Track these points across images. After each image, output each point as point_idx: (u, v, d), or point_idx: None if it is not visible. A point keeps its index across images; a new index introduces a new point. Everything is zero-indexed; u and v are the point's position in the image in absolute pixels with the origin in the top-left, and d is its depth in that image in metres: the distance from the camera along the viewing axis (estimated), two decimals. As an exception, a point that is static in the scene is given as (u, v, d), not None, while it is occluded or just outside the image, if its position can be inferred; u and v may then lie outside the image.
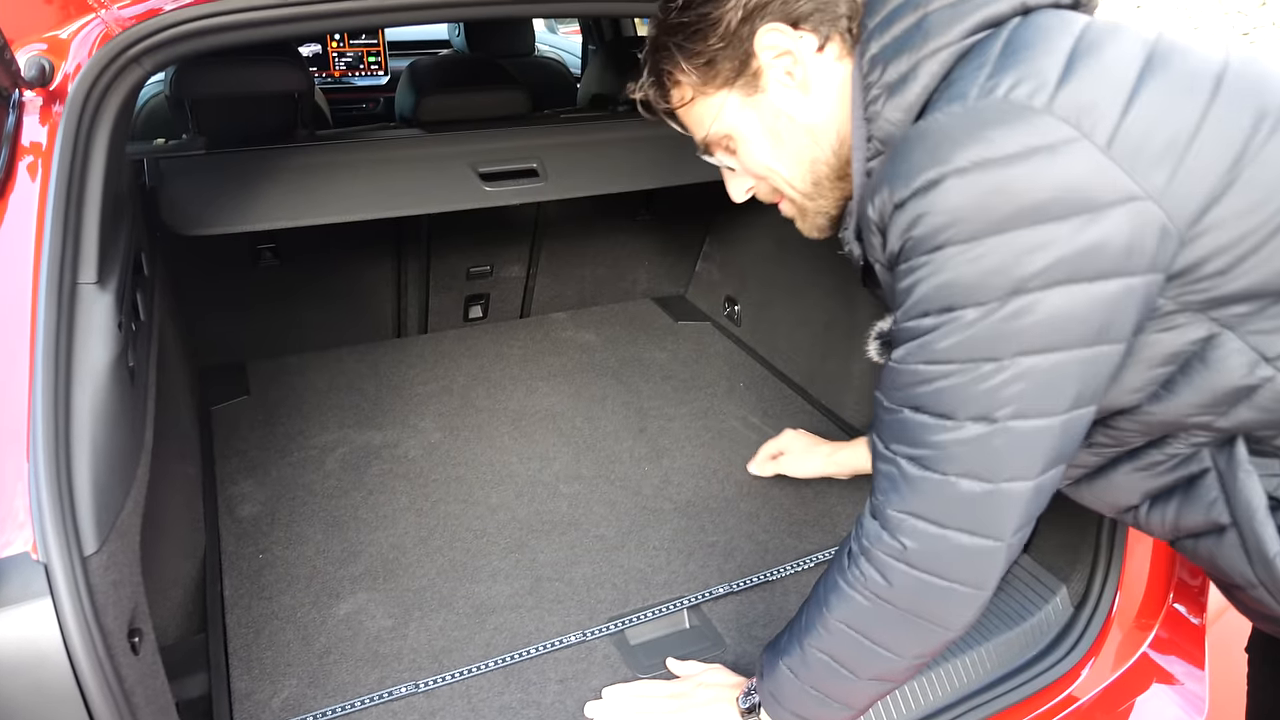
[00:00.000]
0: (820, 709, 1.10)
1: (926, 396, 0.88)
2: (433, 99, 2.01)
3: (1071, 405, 0.86)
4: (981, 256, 0.81)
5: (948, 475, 0.90)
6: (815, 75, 1.00)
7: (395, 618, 1.55)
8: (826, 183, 1.06)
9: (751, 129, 1.06)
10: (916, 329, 0.87)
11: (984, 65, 0.85)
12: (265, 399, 2.17)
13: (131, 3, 1.39)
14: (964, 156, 0.80)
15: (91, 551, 0.95)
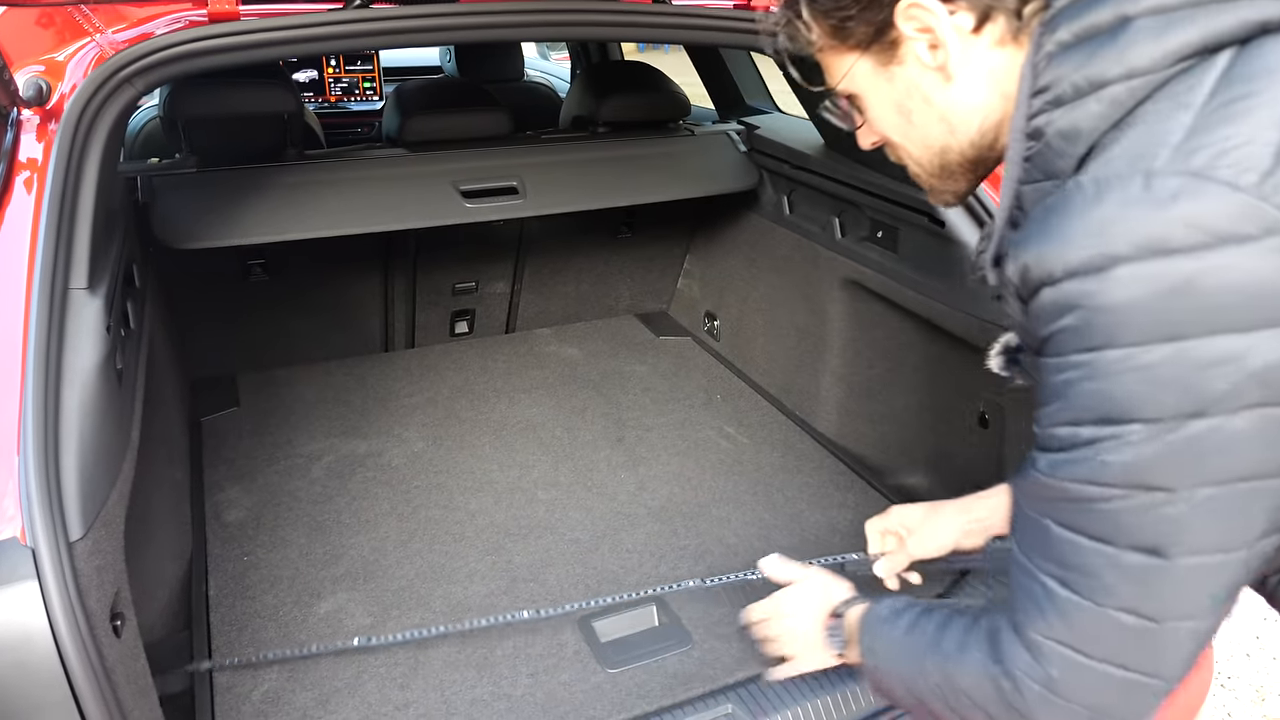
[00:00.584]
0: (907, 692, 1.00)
1: (1079, 516, 0.74)
2: (417, 120, 2.09)
3: (1260, 536, 0.72)
4: (1153, 366, 0.66)
5: (1103, 607, 0.75)
6: (963, 59, 0.84)
7: (374, 616, 1.60)
8: (958, 170, 0.93)
9: (880, 99, 0.92)
10: (1069, 438, 0.72)
11: (1185, 115, 0.68)
12: (254, 410, 2.23)
13: (125, 27, 1.47)
14: (1142, 238, 0.65)
15: (77, 537, 1.01)
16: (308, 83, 3.79)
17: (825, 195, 2.09)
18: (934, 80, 0.86)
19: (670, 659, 1.52)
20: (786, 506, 1.93)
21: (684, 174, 2.27)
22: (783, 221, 2.28)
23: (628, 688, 1.46)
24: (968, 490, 1.77)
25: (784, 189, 2.26)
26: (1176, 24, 0.70)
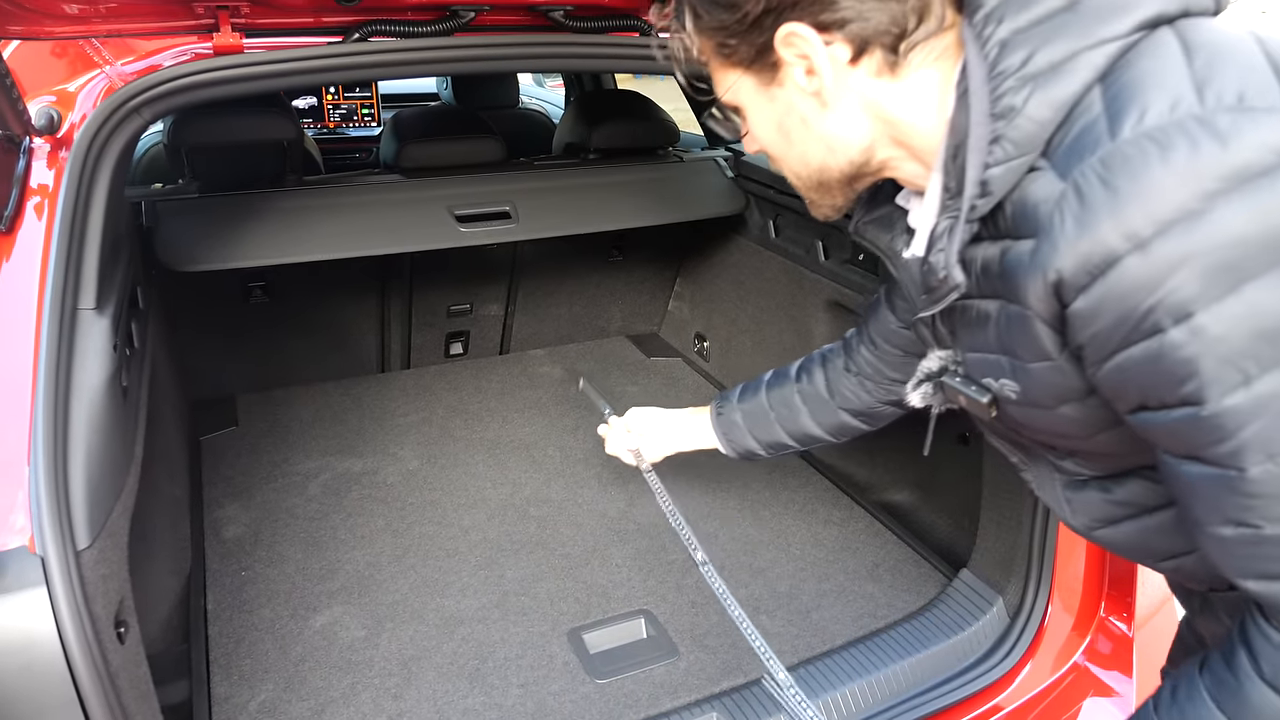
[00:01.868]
0: None
1: None
2: (413, 146, 2.15)
3: None
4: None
5: None
6: (840, 88, 0.88)
7: (368, 629, 1.64)
8: (836, 186, 0.97)
9: (761, 116, 0.96)
10: (1253, 403, 0.69)
11: (1181, 67, 0.72)
12: (252, 429, 2.28)
13: (134, 59, 1.53)
14: (1228, 170, 0.67)
15: (84, 546, 1.06)
16: (307, 109, 3.87)
17: (809, 220, 2.15)
18: (811, 105, 0.89)
19: (657, 669, 1.56)
20: (773, 521, 1.98)
21: (673, 199, 2.34)
22: (769, 245, 2.34)
23: (616, 697, 1.50)
24: (955, 508, 1.82)
25: (770, 213, 2.32)
26: (1131, 5, 0.76)
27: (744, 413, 1.57)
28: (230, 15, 1.46)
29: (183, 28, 1.49)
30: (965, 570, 1.72)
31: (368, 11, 1.56)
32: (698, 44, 0.92)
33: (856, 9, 0.82)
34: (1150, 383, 0.73)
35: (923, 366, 1.04)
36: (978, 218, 0.82)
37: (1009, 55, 0.78)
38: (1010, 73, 0.77)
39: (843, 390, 1.45)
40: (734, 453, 1.62)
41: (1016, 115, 0.77)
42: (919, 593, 1.77)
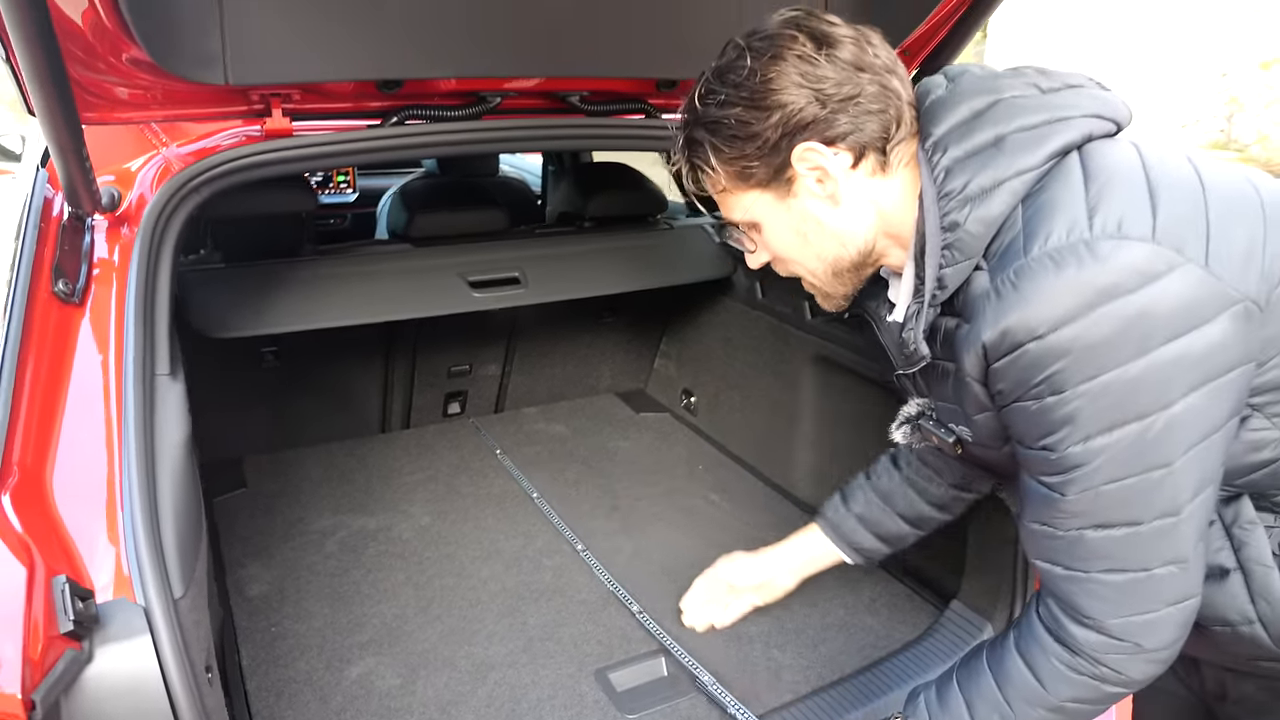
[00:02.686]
0: None
1: (1110, 511, 0.96)
2: (424, 217, 2.28)
3: (1217, 472, 0.98)
4: (1140, 377, 0.89)
5: (1150, 570, 0.98)
6: (847, 189, 1.07)
7: (403, 677, 1.71)
8: (847, 274, 1.15)
9: (779, 226, 1.13)
10: (1083, 454, 0.93)
11: (1079, 194, 0.93)
12: (263, 490, 2.34)
13: (187, 141, 1.64)
14: (1102, 287, 0.87)
15: (180, 595, 1.14)
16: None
17: (795, 281, 2.31)
18: (824, 207, 1.09)
19: (682, 705, 1.66)
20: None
21: (666, 264, 2.49)
22: (756, 305, 2.50)
23: (647, 731, 1.59)
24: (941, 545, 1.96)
25: (756, 276, 2.49)
26: (1043, 138, 0.97)
27: (860, 517, 1.58)
28: (282, 102, 1.58)
29: (236, 113, 1.61)
30: (955, 601, 1.86)
31: (405, 98, 1.70)
32: (720, 174, 1.10)
33: (854, 123, 1.03)
34: (1026, 428, 0.98)
35: (904, 411, 1.22)
36: (938, 304, 1.04)
37: (952, 180, 0.99)
38: (954, 195, 0.98)
39: (945, 468, 1.51)
40: (859, 557, 1.62)
41: (960, 229, 0.98)
42: (914, 624, 1.90)
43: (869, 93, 1.03)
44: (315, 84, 1.60)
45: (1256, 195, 0.98)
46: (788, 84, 1.02)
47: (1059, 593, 1.05)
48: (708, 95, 1.07)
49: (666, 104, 1.97)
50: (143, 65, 1.39)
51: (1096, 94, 1.03)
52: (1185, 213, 0.91)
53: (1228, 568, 1.08)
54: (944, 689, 1.19)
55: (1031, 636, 1.10)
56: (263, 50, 1.43)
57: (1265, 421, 1.00)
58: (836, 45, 1.02)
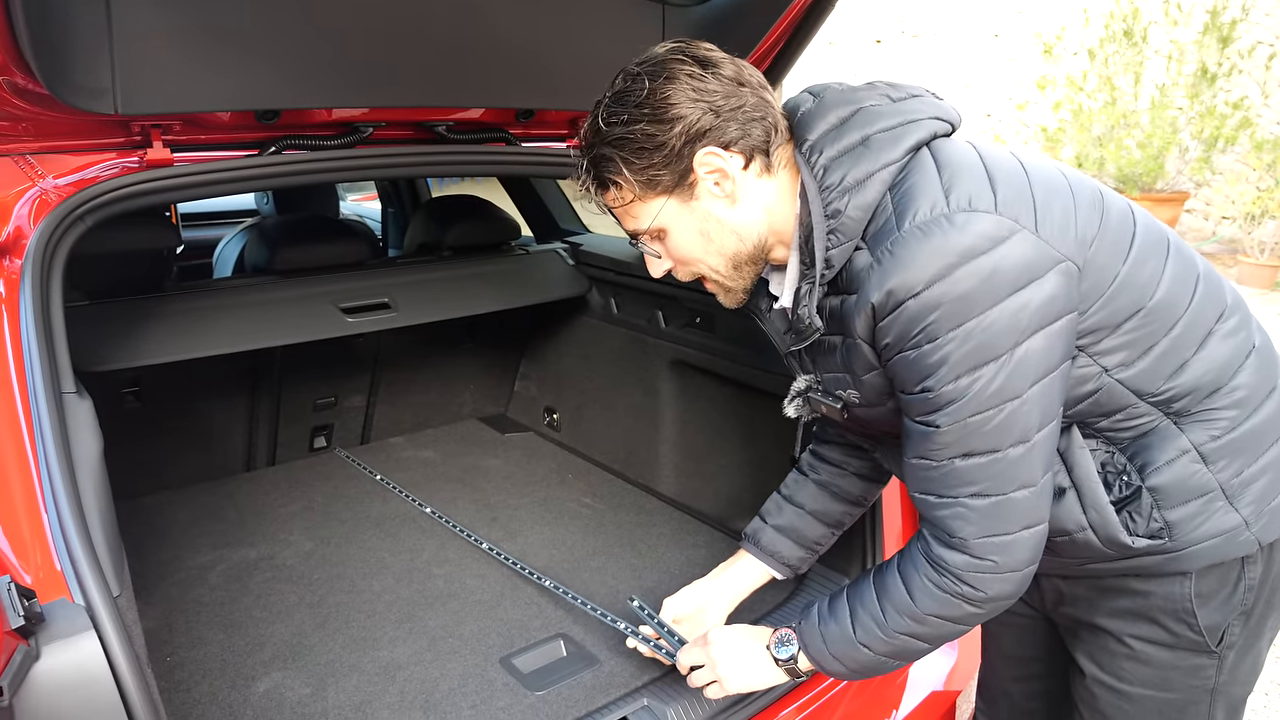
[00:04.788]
0: (873, 658, 1.32)
1: (975, 440, 1.12)
2: (291, 249, 2.33)
3: (1059, 407, 1.15)
4: (994, 323, 1.07)
5: (1007, 493, 1.15)
6: (741, 188, 1.22)
7: (312, 686, 1.75)
8: (746, 266, 1.29)
9: (684, 228, 1.26)
10: (955, 391, 1.10)
11: (935, 180, 1.12)
12: (130, 535, 2.26)
13: (65, 173, 1.66)
14: (962, 250, 1.06)
15: (117, 594, 1.18)
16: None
17: (647, 294, 2.53)
18: (723, 206, 1.24)
19: (585, 676, 1.78)
20: (650, 552, 2.27)
21: (524, 285, 2.65)
22: (612, 320, 2.69)
23: (556, 704, 1.71)
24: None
25: (610, 293, 2.69)
26: (900, 137, 1.16)
27: (779, 529, 1.66)
28: (163, 133, 1.64)
29: (115, 144, 1.65)
30: (818, 564, 2.09)
31: (282, 128, 1.79)
32: (632, 184, 1.22)
33: (743, 129, 1.19)
34: (908, 375, 1.15)
35: (793, 387, 1.38)
36: (825, 282, 1.21)
37: (830, 175, 1.17)
38: (834, 187, 1.16)
39: (846, 461, 1.64)
40: (785, 569, 1.68)
41: (843, 215, 1.16)
42: (782, 589, 2.12)
43: (751, 103, 1.20)
44: (196, 115, 1.66)
45: (1064, 179, 1.20)
46: (683, 99, 1.17)
47: (932, 519, 1.22)
48: (611, 118, 1.20)
49: (525, 133, 2.15)
50: (26, 94, 1.43)
51: (934, 101, 1.24)
52: (1016, 192, 1.12)
53: (1064, 486, 1.26)
54: (835, 600, 1.38)
55: (909, 558, 1.29)
56: (151, 81, 1.50)
57: (1088, 359, 1.19)
58: (718, 66, 1.19)
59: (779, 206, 1.26)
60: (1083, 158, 9.98)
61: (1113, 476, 1.25)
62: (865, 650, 1.31)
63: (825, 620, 1.36)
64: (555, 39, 1.96)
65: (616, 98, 1.21)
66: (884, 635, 1.29)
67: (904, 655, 1.32)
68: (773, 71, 2.14)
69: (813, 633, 1.37)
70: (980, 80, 11.74)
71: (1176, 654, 1.32)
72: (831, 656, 1.35)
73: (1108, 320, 1.18)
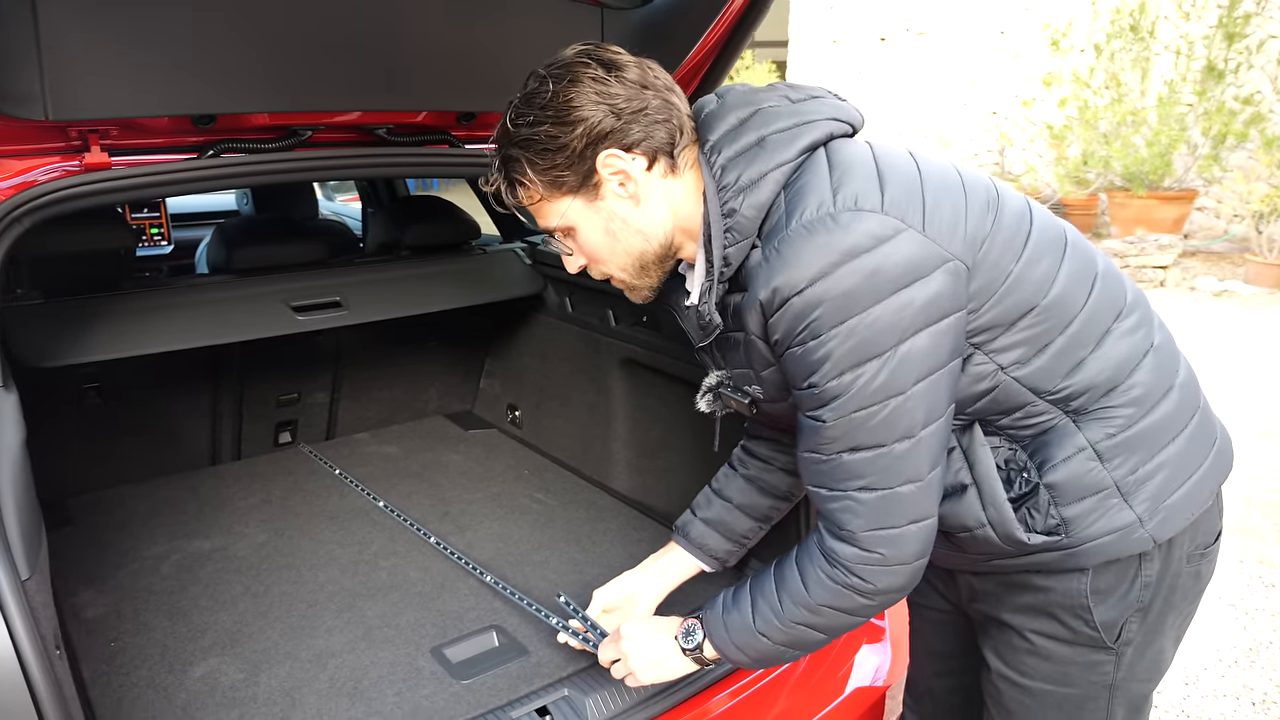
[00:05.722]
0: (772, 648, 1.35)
1: (861, 435, 1.15)
2: (245, 249, 2.39)
3: (946, 405, 1.18)
4: (876, 320, 1.09)
5: (893, 487, 1.17)
6: (645, 189, 1.25)
7: (246, 672, 1.81)
8: (652, 266, 1.32)
9: (590, 227, 1.29)
10: (838, 386, 1.12)
11: (825, 179, 1.14)
12: (90, 526, 2.36)
13: (4, 177, 1.72)
14: (845, 249, 1.08)
15: (26, 577, 1.24)
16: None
17: (598, 293, 2.58)
18: (628, 206, 1.26)
19: (512, 666, 1.83)
20: (594, 547, 2.32)
21: (480, 284, 2.70)
22: (567, 318, 2.74)
23: (480, 692, 1.76)
24: None
25: (565, 292, 2.73)
26: (795, 137, 1.19)
27: (707, 521, 1.69)
28: (100, 138, 1.70)
29: (54, 148, 1.71)
30: (754, 559, 2.13)
31: (219, 132, 1.85)
32: (537, 184, 1.25)
33: (645, 131, 1.22)
34: (796, 370, 1.17)
35: (705, 382, 1.41)
36: (725, 280, 1.24)
37: (727, 175, 1.19)
38: (730, 186, 1.19)
39: (771, 457, 1.67)
40: (714, 562, 1.71)
41: (737, 214, 1.19)
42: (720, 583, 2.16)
43: (654, 105, 1.22)
44: (132, 119, 1.72)
45: (959, 179, 1.23)
46: (586, 102, 1.19)
47: (824, 511, 1.24)
48: (518, 119, 1.22)
49: (468, 135, 2.20)
50: (-41, 103, 1.49)
51: (834, 103, 1.27)
52: (905, 192, 1.14)
53: (966, 483, 1.28)
54: (739, 590, 1.41)
55: (806, 550, 1.32)
56: (81, 86, 1.56)
57: (984, 357, 1.21)
58: (623, 69, 1.22)
59: (685, 206, 1.29)
60: (1089, 155, 9.94)
61: (1014, 474, 1.28)
62: (764, 639, 1.34)
63: (729, 609, 1.39)
64: (495, 42, 2.01)
65: (525, 99, 1.24)
66: (781, 625, 1.32)
67: (801, 645, 1.35)
68: (712, 73, 2.18)
69: (716, 621, 1.41)
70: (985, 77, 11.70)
71: (1075, 649, 1.34)
72: (734, 645, 1.38)
73: (1001, 318, 1.20)
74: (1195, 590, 1.39)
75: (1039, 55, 10.80)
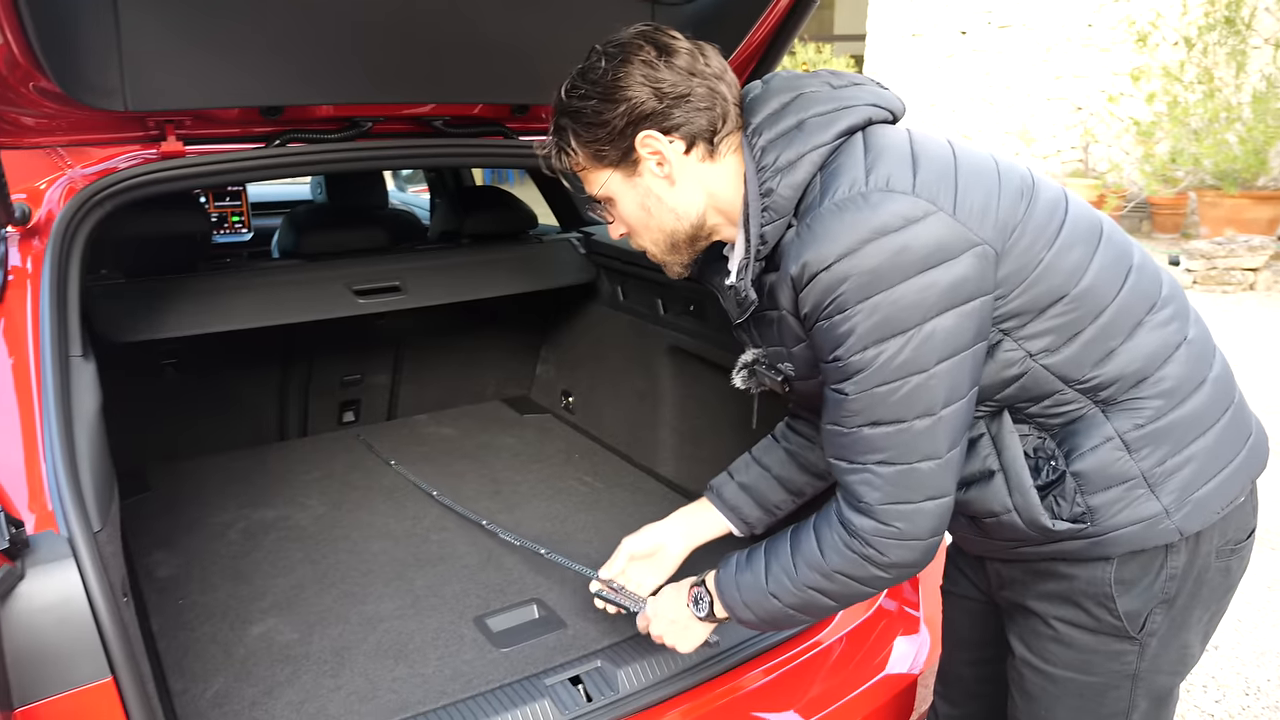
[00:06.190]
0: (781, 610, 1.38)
1: (881, 410, 1.17)
2: (311, 235, 2.52)
3: (969, 387, 1.19)
4: (901, 298, 1.11)
5: (912, 463, 1.19)
6: (681, 171, 1.28)
7: (300, 632, 1.92)
8: (682, 245, 1.36)
9: (627, 200, 1.33)
10: (861, 361, 1.15)
11: (860, 161, 1.17)
12: (165, 493, 2.52)
13: (90, 164, 1.86)
14: (874, 227, 1.11)
15: (98, 529, 1.35)
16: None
17: (648, 283, 2.63)
18: (663, 185, 1.30)
19: (550, 638, 1.91)
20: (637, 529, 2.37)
21: (535, 272, 2.78)
22: (618, 307, 2.81)
23: (517, 659, 1.84)
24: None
25: (617, 281, 2.80)
26: (833, 121, 1.22)
27: (743, 486, 1.72)
28: (175, 128, 1.82)
29: (133, 138, 1.84)
30: None
31: (286, 123, 1.96)
32: (580, 154, 1.32)
33: (686, 117, 1.26)
34: (822, 344, 1.20)
35: (741, 359, 1.42)
36: (762, 258, 1.28)
37: (767, 156, 1.23)
38: (769, 168, 1.23)
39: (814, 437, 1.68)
40: (743, 527, 1.73)
41: (775, 194, 1.22)
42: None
43: (699, 93, 1.25)
44: (205, 111, 1.84)
45: (995, 166, 1.25)
46: (632, 83, 1.23)
47: (844, 484, 1.26)
48: (572, 90, 1.28)
49: (522, 126, 2.27)
50: (50, 95, 1.62)
51: (875, 90, 1.29)
52: (938, 176, 1.17)
53: (993, 469, 1.29)
54: (753, 552, 1.44)
55: (825, 518, 1.34)
56: (157, 80, 1.68)
57: (1013, 344, 1.23)
58: (675, 54, 1.25)
59: (723, 190, 1.32)
60: (1178, 153, 9.59)
61: (1042, 462, 1.29)
62: (774, 600, 1.37)
63: (742, 569, 1.43)
64: (548, 37, 2.07)
65: (580, 73, 1.29)
66: (794, 588, 1.34)
67: (811, 610, 1.38)
68: (761, 67, 2.21)
69: (729, 581, 1.44)
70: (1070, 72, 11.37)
71: (1098, 638, 1.35)
72: (743, 604, 1.42)
73: (1031, 305, 1.21)
74: (1225, 586, 1.38)
75: (1127, 50, 10.44)
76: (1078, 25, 11.27)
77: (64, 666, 1.25)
